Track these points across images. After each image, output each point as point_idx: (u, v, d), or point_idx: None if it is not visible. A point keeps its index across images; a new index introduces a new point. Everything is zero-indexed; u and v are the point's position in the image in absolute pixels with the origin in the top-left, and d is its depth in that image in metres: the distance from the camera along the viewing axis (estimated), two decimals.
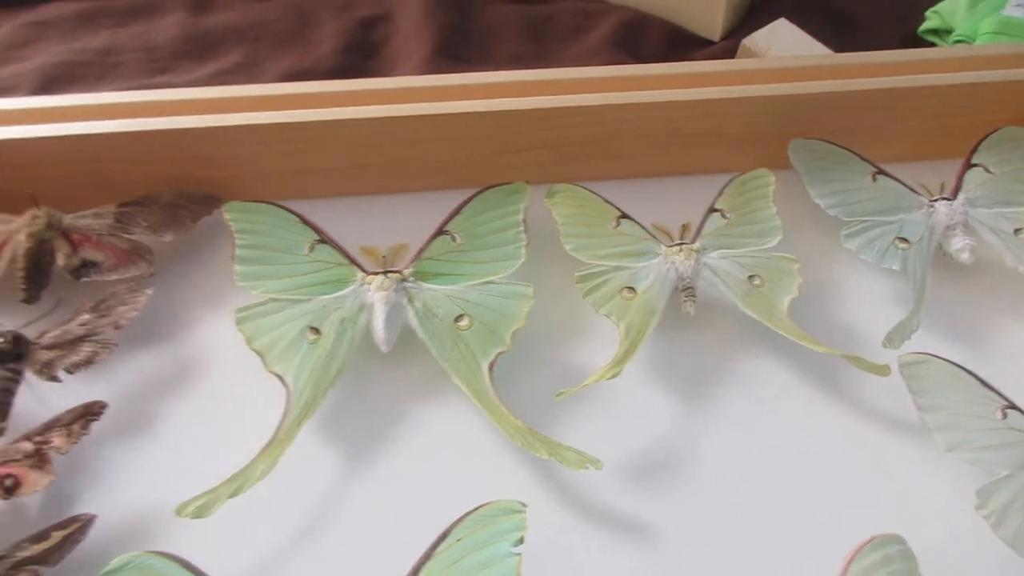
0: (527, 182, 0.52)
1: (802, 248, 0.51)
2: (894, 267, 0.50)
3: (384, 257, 0.49)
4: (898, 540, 0.37)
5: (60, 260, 0.49)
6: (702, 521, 0.42)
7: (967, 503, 0.40)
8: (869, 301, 0.51)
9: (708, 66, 0.57)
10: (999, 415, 0.42)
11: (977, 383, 0.42)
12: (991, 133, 0.56)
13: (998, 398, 0.42)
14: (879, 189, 0.54)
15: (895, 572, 0.36)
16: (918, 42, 0.74)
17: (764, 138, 0.56)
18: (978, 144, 0.55)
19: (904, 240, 0.51)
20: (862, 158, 0.55)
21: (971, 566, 0.40)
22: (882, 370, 0.45)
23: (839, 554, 0.36)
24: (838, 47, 0.66)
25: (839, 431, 0.45)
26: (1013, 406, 0.42)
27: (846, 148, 0.55)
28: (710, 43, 0.74)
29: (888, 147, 0.57)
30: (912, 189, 0.54)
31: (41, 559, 0.38)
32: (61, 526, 0.39)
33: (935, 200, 0.53)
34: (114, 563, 0.35)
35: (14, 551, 0.38)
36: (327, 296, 0.47)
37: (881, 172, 0.54)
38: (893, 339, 0.46)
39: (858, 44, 0.68)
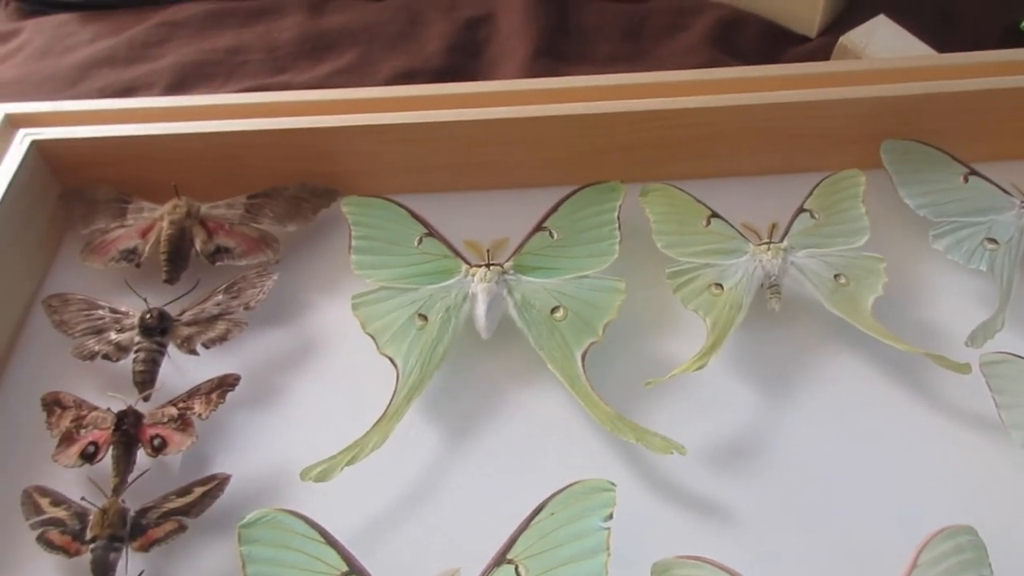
0: (622, 181, 0.55)
1: (889, 248, 0.52)
2: (981, 268, 0.51)
3: (487, 250, 0.52)
4: (969, 531, 0.38)
5: (197, 245, 0.55)
6: (781, 506, 0.44)
7: None
8: (954, 301, 0.52)
9: (803, 68, 0.58)
10: None
11: None
12: None
13: None
14: (970, 190, 0.54)
15: (965, 561, 0.38)
16: (1020, 35, 0.72)
17: (857, 138, 0.57)
18: None
19: (993, 241, 0.52)
20: (955, 159, 0.55)
21: None
22: (963, 368, 0.46)
23: (912, 542, 0.38)
24: (938, 42, 0.66)
25: (917, 426, 0.47)
26: None
27: (939, 148, 0.56)
28: (807, 39, 0.75)
29: (981, 146, 0.57)
30: (1004, 190, 0.54)
31: (184, 511, 0.43)
32: (201, 483, 0.44)
33: None
34: (249, 517, 0.39)
35: (162, 502, 0.43)
36: (434, 286, 0.51)
37: (973, 173, 0.55)
38: (976, 338, 0.47)
39: (958, 39, 0.68)
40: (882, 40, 0.67)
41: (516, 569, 0.37)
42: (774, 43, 0.74)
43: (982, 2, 0.76)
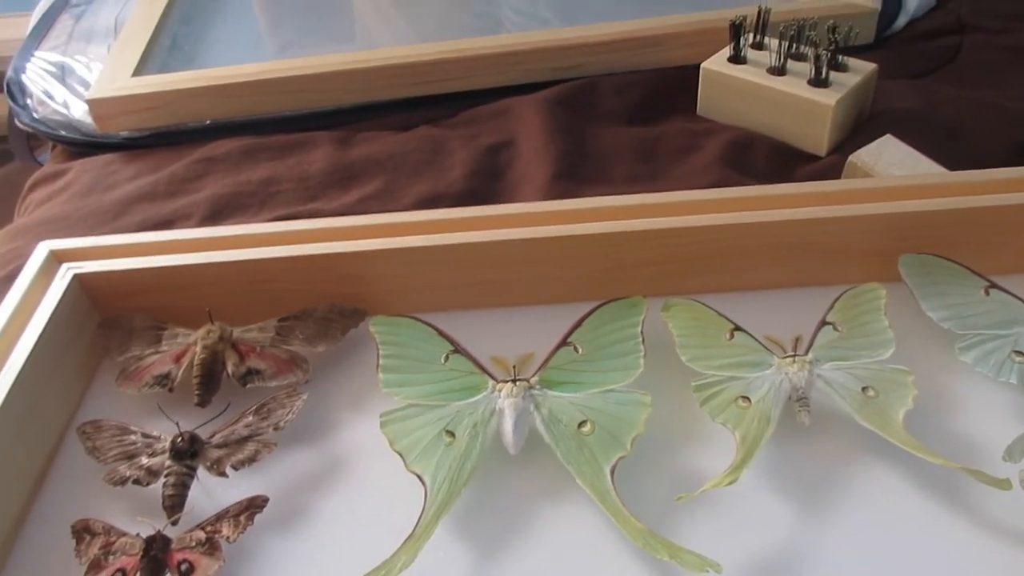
0: (644, 296, 0.56)
1: (916, 360, 0.52)
2: (1012, 380, 0.51)
3: (513, 366, 0.53)
4: None
5: (229, 368, 0.56)
6: None
7: None
8: (986, 413, 0.51)
9: (818, 186, 0.60)
10: None
11: None
12: None
13: None
14: (992, 303, 0.55)
15: None
16: None
17: (873, 253, 0.58)
18: None
19: (1020, 354, 0.52)
20: (973, 272, 0.56)
21: None
22: (1003, 484, 0.45)
23: None
24: (945, 159, 0.68)
25: (957, 543, 0.45)
26: None
27: (956, 262, 0.56)
28: (817, 158, 0.77)
29: (999, 260, 0.58)
30: None
31: None
32: None
33: None
34: None
35: None
36: (461, 402, 0.51)
37: (993, 286, 0.55)
38: (1013, 452, 0.46)
39: (965, 155, 0.69)
40: (891, 158, 0.69)
41: None
42: (785, 162, 0.76)
43: (986, 122, 0.78)
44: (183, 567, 0.45)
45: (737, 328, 0.54)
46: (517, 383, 0.52)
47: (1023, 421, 0.49)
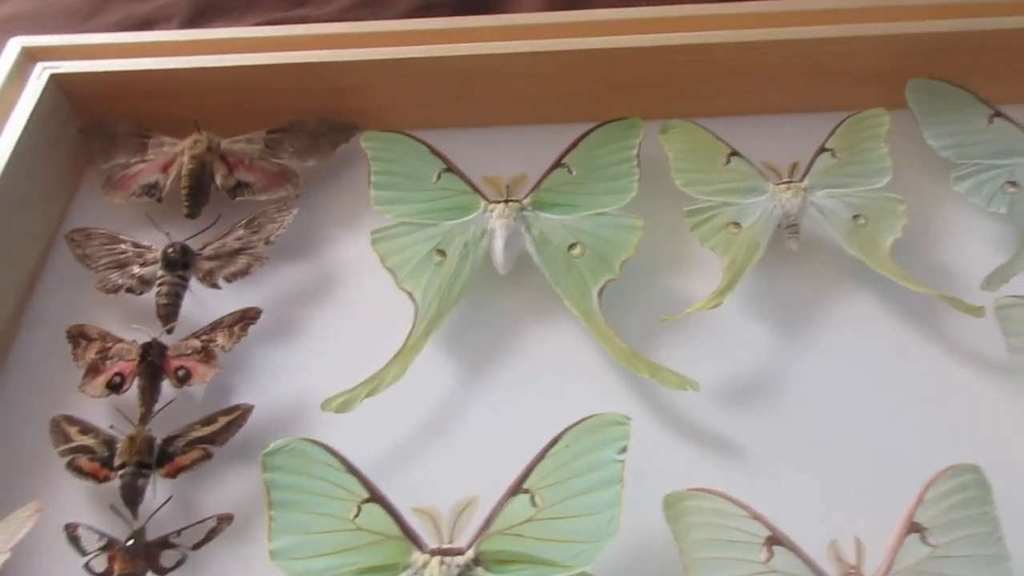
0: (642, 118, 0.54)
1: (910, 189, 0.52)
2: (1001, 211, 0.51)
3: (506, 186, 0.52)
4: (975, 470, 0.39)
5: (218, 180, 0.55)
6: (792, 443, 0.45)
7: None
8: (972, 244, 0.52)
9: (831, 3, 0.57)
10: None
11: None
12: None
13: None
14: (994, 131, 0.54)
15: (969, 499, 0.38)
16: None
17: (882, 77, 0.56)
18: None
19: (1014, 184, 0.51)
20: (980, 99, 0.55)
21: None
22: (977, 311, 0.46)
23: (919, 480, 0.39)
24: None
25: (929, 367, 0.47)
26: None
27: (965, 88, 0.55)
28: None
29: (1008, 88, 0.56)
30: None
31: (210, 439, 0.44)
32: (225, 413, 0.45)
33: None
34: (273, 446, 0.40)
35: (188, 431, 0.45)
36: (452, 222, 0.51)
37: (998, 114, 0.54)
38: (992, 281, 0.47)
39: None
40: None
41: (532, 498, 0.38)
42: None
43: None
44: (180, 373, 0.47)
45: (734, 153, 0.53)
46: (509, 204, 0.51)
47: (1007, 252, 0.49)
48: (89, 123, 0.58)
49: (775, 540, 0.37)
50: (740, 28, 0.55)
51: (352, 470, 0.40)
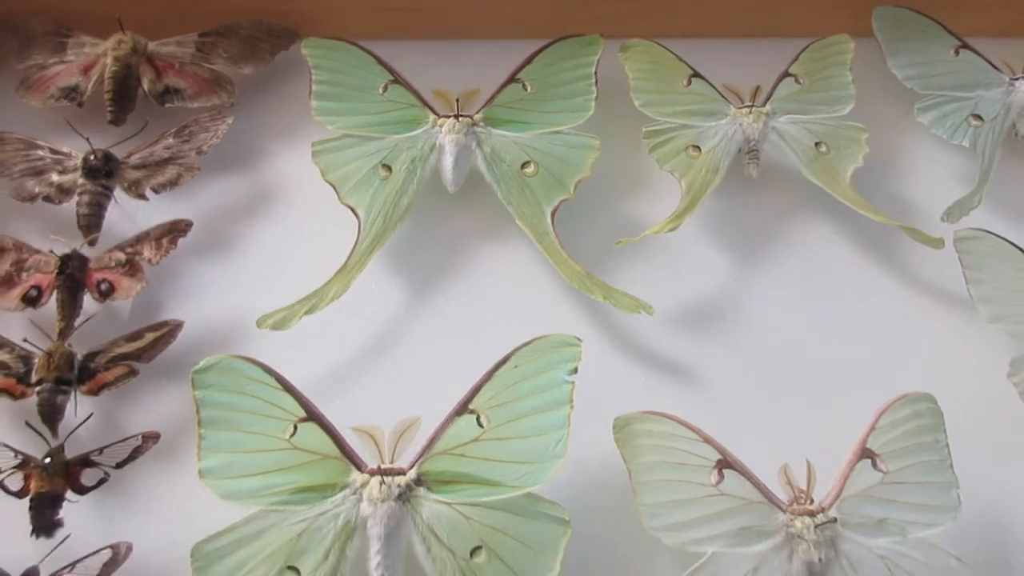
0: (601, 35, 0.52)
1: (873, 119, 0.51)
2: (964, 143, 0.50)
3: (456, 101, 0.50)
4: (929, 399, 0.39)
5: (145, 85, 0.51)
6: (746, 369, 0.44)
7: (1000, 371, 0.42)
8: (934, 176, 0.51)
9: None
10: None
11: None
12: None
13: None
14: (960, 63, 0.53)
15: (922, 427, 0.38)
16: None
17: (847, 4, 0.55)
18: None
19: (978, 117, 0.51)
20: (947, 30, 0.54)
21: (994, 427, 0.42)
22: (936, 242, 0.46)
23: (873, 407, 0.38)
24: None
25: (887, 297, 0.47)
26: None
27: (932, 18, 0.54)
28: None
29: (975, 20, 0.55)
30: (994, 66, 0.53)
31: (135, 355, 0.42)
32: (153, 328, 0.43)
33: (1016, 79, 0.52)
34: (204, 362, 0.38)
35: (111, 347, 0.42)
36: (399, 135, 0.48)
37: (964, 46, 0.53)
38: (952, 213, 0.47)
39: None
40: None
41: (478, 418, 0.37)
42: None
43: None
44: (103, 286, 0.44)
45: (696, 75, 0.51)
46: (460, 119, 0.49)
47: (968, 185, 0.49)
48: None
49: (725, 463, 0.37)
50: None
51: (288, 388, 0.38)
